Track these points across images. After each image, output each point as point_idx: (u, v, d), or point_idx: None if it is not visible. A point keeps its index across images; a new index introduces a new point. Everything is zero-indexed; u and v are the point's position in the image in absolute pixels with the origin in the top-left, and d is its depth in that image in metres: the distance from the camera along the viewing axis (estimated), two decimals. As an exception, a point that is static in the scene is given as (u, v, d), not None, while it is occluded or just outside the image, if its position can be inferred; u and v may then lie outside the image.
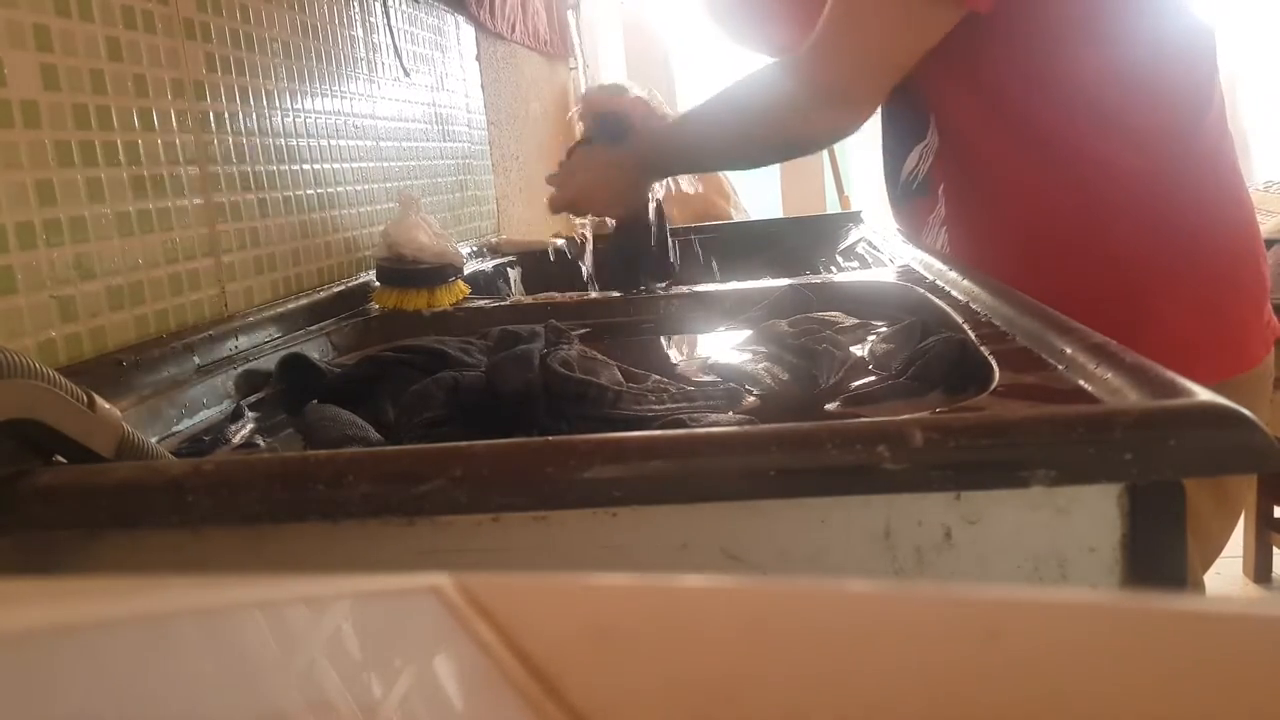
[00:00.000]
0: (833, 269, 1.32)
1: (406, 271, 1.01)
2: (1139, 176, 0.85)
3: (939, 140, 0.93)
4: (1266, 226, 2.11)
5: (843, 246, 1.43)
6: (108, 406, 0.46)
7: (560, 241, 1.62)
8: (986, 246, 0.92)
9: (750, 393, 0.69)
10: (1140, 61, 0.85)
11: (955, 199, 0.94)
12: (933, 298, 0.81)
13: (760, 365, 0.75)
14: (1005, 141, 0.87)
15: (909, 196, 0.99)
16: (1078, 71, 0.84)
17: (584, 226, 1.16)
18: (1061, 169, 0.86)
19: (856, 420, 0.41)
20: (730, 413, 0.63)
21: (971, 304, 0.74)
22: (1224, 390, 0.38)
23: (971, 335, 0.65)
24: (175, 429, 0.66)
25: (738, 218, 2.26)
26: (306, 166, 0.99)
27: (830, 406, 0.64)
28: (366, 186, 1.13)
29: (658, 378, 0.72)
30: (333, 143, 1.05)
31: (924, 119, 0.93)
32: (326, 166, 1.03)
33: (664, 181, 1.11)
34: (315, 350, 0.86)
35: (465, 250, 1.20)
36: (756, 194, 2.61)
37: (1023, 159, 0.87)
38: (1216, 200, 0.88)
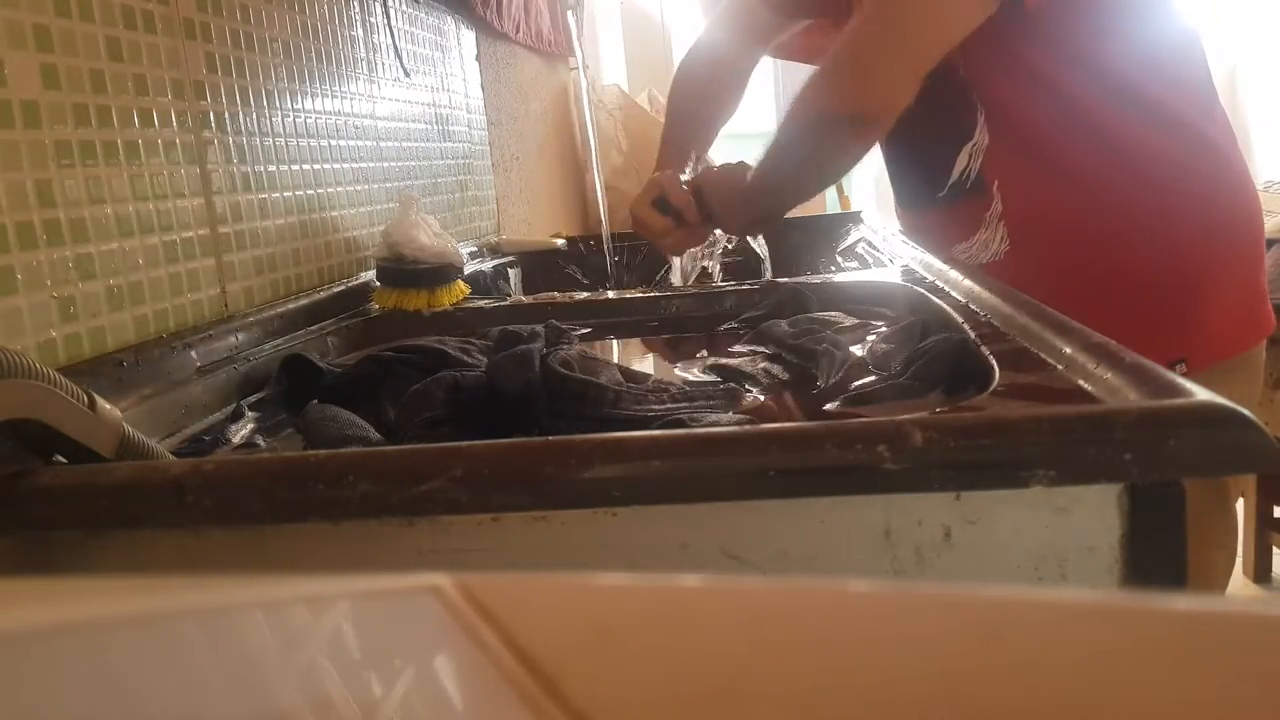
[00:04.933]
0: (833, 269, 1.32)
1: (406, 271, 1.01)
2: (1185, 160, 0.91)
3: (989, 137, 0.94)
4: (1268, 226, 2.12)
5: (843, 246, 1.43)
6: (108, 406, 0.46)
7: (561, 242, 1.63)
8: (1050, 236, 0.94)
9: (750, 393, 0.69)
10: (1167, 53, 0.90)
11: (1014, 193, 0.95)
12: (933, 298, 0.81)
13: (760, 365, 0.75)
14: (1066, 131, 0.90)
15: (958, 197, 0.99)
16: (1123, 59, 0.88)
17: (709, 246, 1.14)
18: (1119, 155, 0.90)
19: (856, 420, 0.41)
20: (730, 413, 0.63)
21: (971, 304, 0.74)
22: (1249, 361, 0.38)
23: (971, 335, 0.65)
24: (175, 429, 0.66)
25: (738, 218, 2.25)
26: (306, 166, 0.99)
27: (830, 406, 0.64)
28: (366, 186, 1.13)
29: (657, 378, 0.72)
30: (333, 143, 1.05)
31: (971, 118, 0.94)
32: (326, 166, 1.03)
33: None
34: (315, 350, 0.86)
35: (465, 250, 1.20)
36: (756, 194, 2.60)
37: (1084, 147, 0.90)
38: (1240, 182, 0.95)
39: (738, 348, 0.84)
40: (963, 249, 1.00)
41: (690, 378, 0.77)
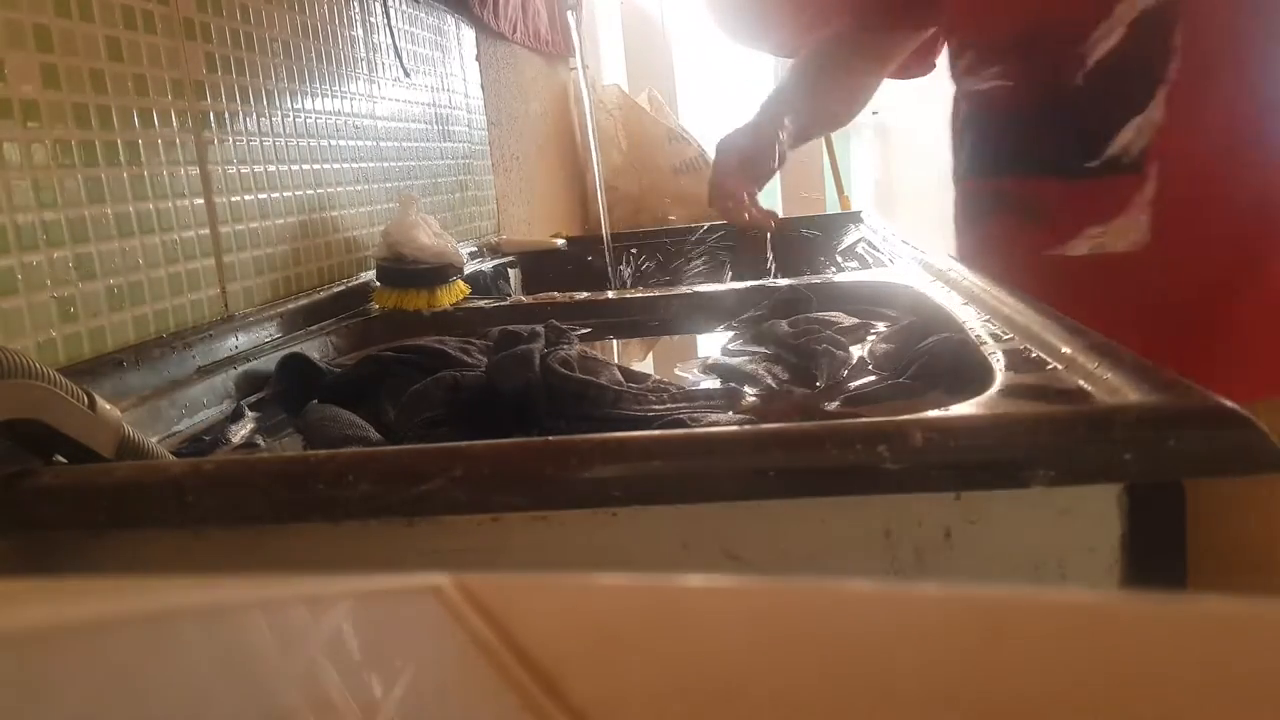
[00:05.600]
0: (832, 269, 1.32)
1: (406, 271, 1.01)
2: None
3: (1165, 113, 0.86)
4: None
5: (843, 246, 1.43)
6: (108, 407, 0.46)
7: (561, 242, 1.63)
8: (1200, 232, 0.87)
9: (750, 393, 0.69)
10: None
11: (1176, 177, 0.87)
12: (933, 297, 0.81)
13: (760, 365, 0.75)
14: (1264, 114, 0.84)
15: (1108, 173, 0.88)
16: None
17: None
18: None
19: (856, 420, 0.41)
20: (730, 413, 0.63)
21: (971, 304, 0.74)
22: None
23: (971, 335, 0.65)
24: (175, 429, 0.66)
25: (738, 218, 2.25)
26: (306, 166, 0.99)
27: (830, 406, 0.64)
28: (366, 186, 1.13)
29: (657, 378, 0.72)
30: (333, 143, 1.05)
31: (1149, 92, 0.86)
32: (327, 166, 1.03)
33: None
34: (315, 350, 0.86)
35: (465, 250, 1.20)
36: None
37: (1268, 139, 0.85)
38: None
39: (737, 347, 0.84)
40: (1095, 233, 0.89)
41: (690, 378, 0.77)
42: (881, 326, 0.84)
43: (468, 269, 1.12)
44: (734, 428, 0.45)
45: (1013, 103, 0.92)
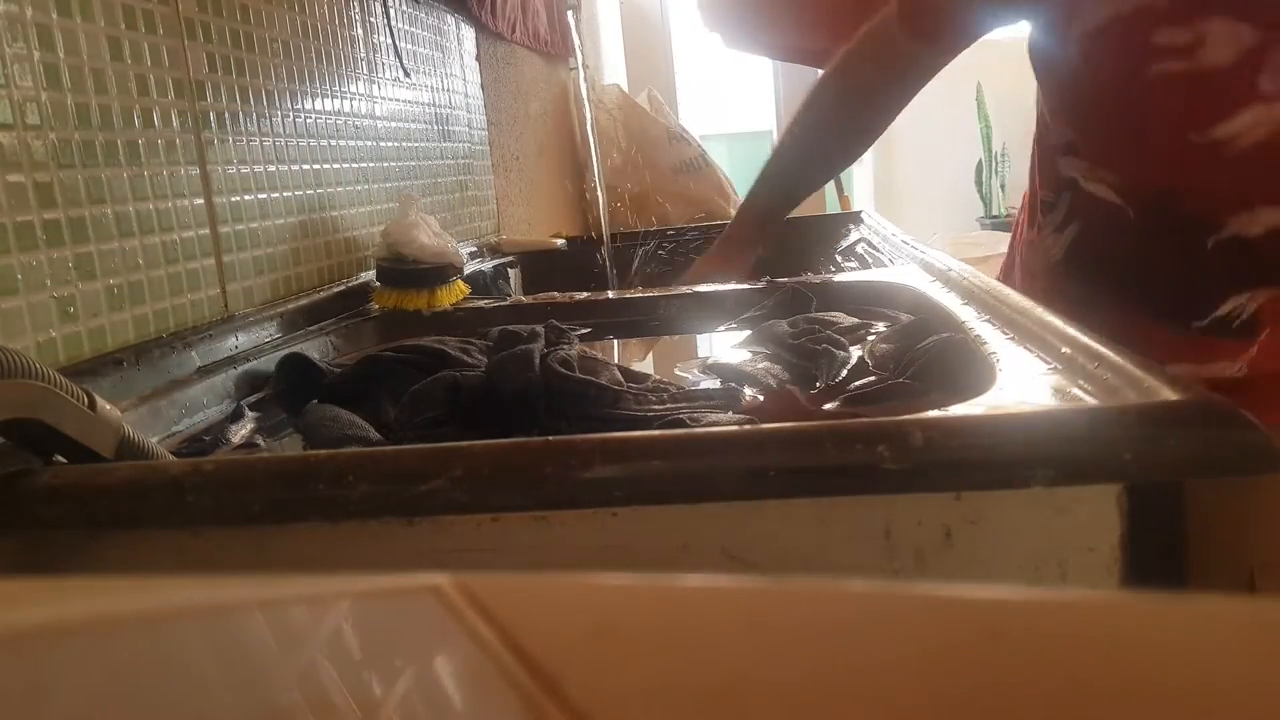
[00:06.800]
0: (833, 269, 1.32)
1: (406, 271, 1.01)
2: None
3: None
4: None
5: (843, 246, 1.43)
6: (108, 406, 0.46)
7: (561, 242, 1.63)
8: None
9: (750, 393, 0.69)
10: None
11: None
12: (933, 297, 0.81)
13: (760, 365, 0.75)
14: None
15: (1217, 335, 0.82)
16: None
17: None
18: None
19: (856, 420, 0.41)
20: (730, 413, 0.63)
21: (972, 304, 0.74)
22: None
23: (972, 335, 0.65)
24: (175, 429, 0.66)
25: (738, 218, 2.26)
26: (306, 166, 0.99)
27: (830, 406, 0.64)
28: (366, 186, 1.13)
29: (658, 378, 0.72)
30: (333, 143, 1.05)
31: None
32: (327, 166, 1.03)
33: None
34: (315, 350, 0.86)
35: (465, 250, 1.19)
36: (756, 194, 2.60)
37: None
38: None
39: (738, 348, 0.84)
40: (1188, 368, 0.82)
41: (690, 378, 0.77)
42: (881, 326, 0.84)
43: (468, 269, 1.12)
44: (734, 428, 0.45)
45: (1136, 241, 0.85)
